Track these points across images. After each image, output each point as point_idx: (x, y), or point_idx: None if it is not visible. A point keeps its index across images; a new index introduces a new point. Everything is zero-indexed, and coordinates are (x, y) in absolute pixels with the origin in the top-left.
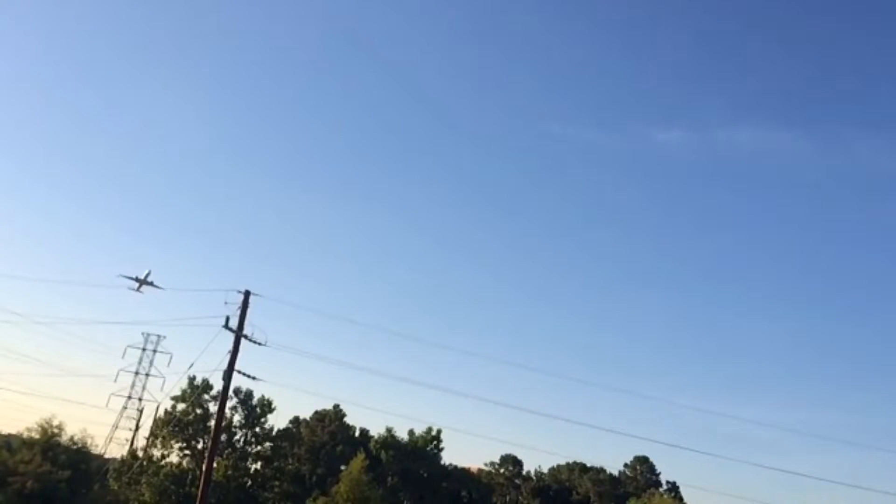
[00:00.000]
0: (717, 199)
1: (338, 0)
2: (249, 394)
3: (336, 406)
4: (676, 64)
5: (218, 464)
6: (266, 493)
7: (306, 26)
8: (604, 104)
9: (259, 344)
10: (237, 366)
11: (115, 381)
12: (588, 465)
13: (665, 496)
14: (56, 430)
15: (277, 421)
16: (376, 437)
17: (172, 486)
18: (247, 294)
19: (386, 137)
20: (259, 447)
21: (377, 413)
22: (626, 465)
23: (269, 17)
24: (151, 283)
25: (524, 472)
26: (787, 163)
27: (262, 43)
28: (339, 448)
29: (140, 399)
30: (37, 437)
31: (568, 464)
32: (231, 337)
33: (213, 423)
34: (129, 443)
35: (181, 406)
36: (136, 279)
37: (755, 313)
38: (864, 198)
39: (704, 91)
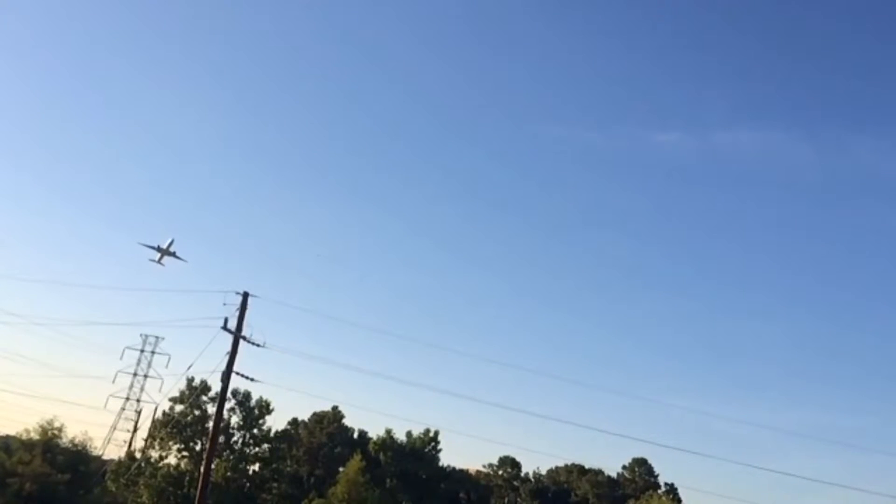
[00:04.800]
0: (716, 200)
1: (340, 8)
2: (248, 395)
3: (334, 407)
4: (675, 65)
5: (216, 465)
6: (264, 495)
7: (307, 28)
8: (602, 105)
9: (258, 345)
10: (236, 367)
11: (114, 382)
12: (586, 466)
13: (663, 498)
14: (56, 432)
15: (276, 422)
16: (375, 438)
17: (170, 488)
18: (245, 295)
19: (385, 138)
20: (257, 449)
21: (376, 414)
22: (624, 467)
23: (268, 17)
24: (174, 254)
25: (523, 474)
26: (786, 164)
27: (262, 44)
28: (338, 449)
29: (138, 400)
30: (36, 438)
31: (566, 465)
32: (229, 338)
33: (211, 424)
34: (127, 444)
35: (179, 407)
36: (158, 248)
37: (753, 315)
38: (863, 200)
39: (703, 92)
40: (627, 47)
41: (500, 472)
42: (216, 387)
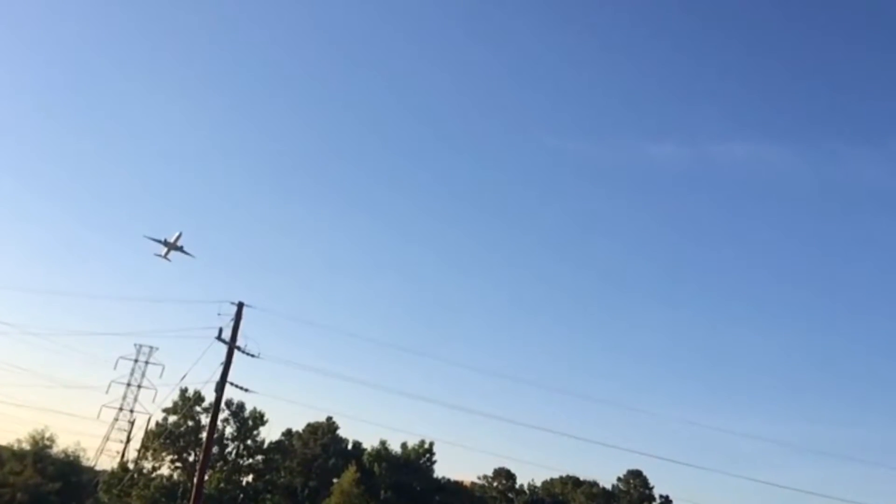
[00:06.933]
0: (710, 211)
1: (336, 13)
2: (241, 406)
3: (329, 418)
4: (670, 77)
5: (210, 476)
6: None
7: (304, 37)
8: (597, 117)
9: (252, 356)
10: (230, 378)
11: (107, 392)
12: (581, 478)
13: None
14: (47, 443)
15: (270, 433)
16: (369, 449)
17: (163, 499)
18: (240, 306)
19: (380, 147)
20: (251, 460)
21: (370, 425)
22: (619, 479)
23: (263, 24)
24: (181, 249)
25: (517, 486)
26: (780, 176)
27: (257, 50)
28: (332, 461)
29: (131, 411)
30: (27, 448)
31: (561, 477)
32: (224, 349)
33: (204, 435)
34: (119, 455)
35: (173, 418)
36: (165, 242)
37: (748, 326)
38: (856, 211)
39: (697, 104)
40: (623, 59)
41: (495, 484)
42: (210, 397)
